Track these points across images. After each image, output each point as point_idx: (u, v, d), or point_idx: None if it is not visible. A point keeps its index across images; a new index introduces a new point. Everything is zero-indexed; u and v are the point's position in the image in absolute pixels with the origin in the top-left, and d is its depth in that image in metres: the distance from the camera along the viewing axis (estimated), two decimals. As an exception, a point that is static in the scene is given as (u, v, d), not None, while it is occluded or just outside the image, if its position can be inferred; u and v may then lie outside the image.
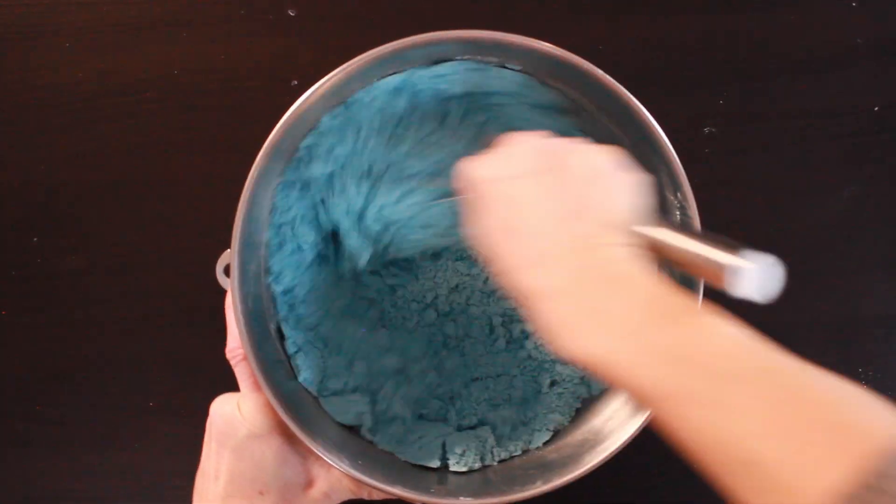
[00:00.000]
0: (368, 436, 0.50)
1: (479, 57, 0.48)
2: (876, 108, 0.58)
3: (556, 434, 0.51)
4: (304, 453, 0.47)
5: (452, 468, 0.49)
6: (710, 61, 0.58)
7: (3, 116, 0.58)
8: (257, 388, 0.46)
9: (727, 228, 0.57)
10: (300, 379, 0.50)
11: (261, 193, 0.47)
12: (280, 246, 0.49)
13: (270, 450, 0.45)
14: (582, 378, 0.52)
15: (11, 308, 0.58)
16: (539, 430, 0.51)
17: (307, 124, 0.48)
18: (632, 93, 0.46)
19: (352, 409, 0.50)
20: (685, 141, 0.57)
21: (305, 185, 0.50)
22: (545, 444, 0.51)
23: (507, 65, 0.49)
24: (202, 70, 0.58)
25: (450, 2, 0.58)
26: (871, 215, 0.58)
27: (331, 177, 0.50)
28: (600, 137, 0.51)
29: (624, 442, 0.45)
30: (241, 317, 0.45)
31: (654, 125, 0.45)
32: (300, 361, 0.50)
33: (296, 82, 0.57)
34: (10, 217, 0.58)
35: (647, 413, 0.45)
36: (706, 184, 0.56)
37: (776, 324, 0.40)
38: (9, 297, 0.58)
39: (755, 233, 0.58)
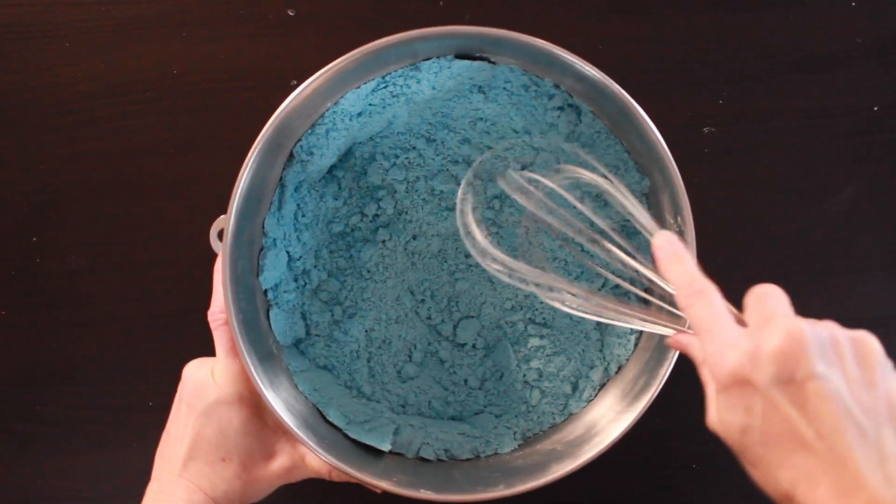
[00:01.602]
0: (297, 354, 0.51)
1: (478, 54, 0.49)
2: (875, 108, 0.58)
3: (527, 441, 0.51)
4: (272, 426, 0.47)
5: (405, 454, 0.50)
6: (710, 61, 0.58)
7: (3, 116, 0.58)
8: (233, 354, 0.46)
9: (727, 228, 0.58)
10: (261, 278, 0.50)
11: (263, 166, 0.47)
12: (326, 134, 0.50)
13: (238, 418, 0.45)
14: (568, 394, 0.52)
15: (11, 308, 0.58)
16: (504, 435, 0.51)
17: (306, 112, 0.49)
18: (632, 92, 0.46)
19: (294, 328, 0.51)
20: (685, 141, 0.57)
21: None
22: (514, 449, 0.51)
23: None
24: (202, 70, 0.58)
25: (451, 1, 0.58)
26: (871, 215, 0.58)
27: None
28: (596, 138, 0.51)
29: (591, 457, 0.45)
30: (228, 281, 0.45)
31: (651, 127, 0.46)
32: (268, 260, 0.50)
33: (295, 82, 0.57)
34: (10, 217, 0.58)
35: (621, 431, 0.45)
36: (706, 184, 0.56)
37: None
38: (9, 297, 0.58)
39: (755, 233, 0.58)
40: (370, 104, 0.50)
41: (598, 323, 0.52)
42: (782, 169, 0.58)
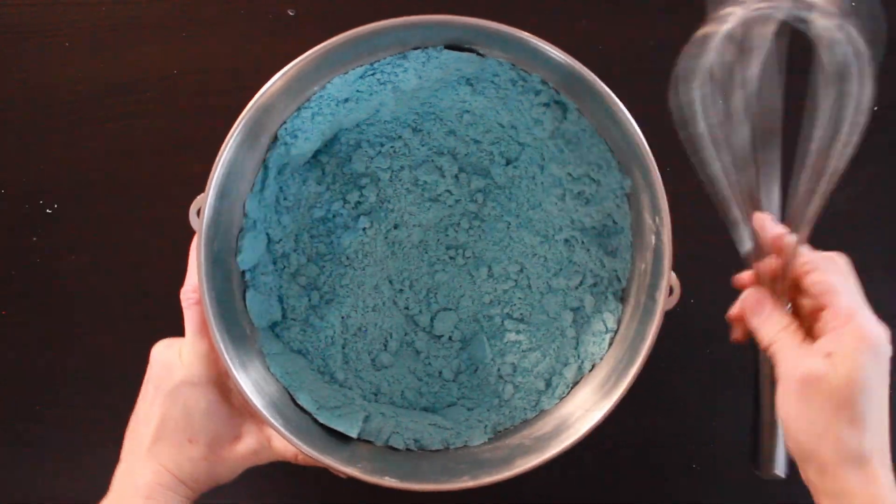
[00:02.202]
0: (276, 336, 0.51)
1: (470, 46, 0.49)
2: (875, 108, 0.58)
3: (498, 435, 0.51)
4: (239, 408, 0.47)
5: (374, 442, 0.49)
6: (710, 61, 0.58)
7: (2, 116, 0.58)
8: (202, 334, 0.46)
9: (726, 229, 0.57)
10: (239, 259, 0.49)
11: (246, 147, 0.47)
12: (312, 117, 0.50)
13: (204, 399, 0.45)
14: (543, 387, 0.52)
15: (11, 308, 0.58)
16: (475, 428, 0.51)
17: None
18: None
19: (269, 310, 0.51)
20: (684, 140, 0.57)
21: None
22: (484, 442, 0.51)
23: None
24: (202, 70, 0.58)
25: (453, 2, 0.58)
26: (871, 215, 0.58)
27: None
28: (581, 136, 0.51)
29: (556, 453, 0.45)
30: (203, 260, 0.45)
31: (633, 126, 0.45)
32: (246, 241, 0.50)
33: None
34: (10, 217, 0.58)
35: (588, 427, 0.45)
36: (706, 183, 0.56)
37: (776, 324, 0.40)
38: (9, 297, 0.58)
39: (755, 233, 0.58)
40: (357, 90, 0.50)
41: (575, 321, 0.52)
42: (782, 169, 0.58)
